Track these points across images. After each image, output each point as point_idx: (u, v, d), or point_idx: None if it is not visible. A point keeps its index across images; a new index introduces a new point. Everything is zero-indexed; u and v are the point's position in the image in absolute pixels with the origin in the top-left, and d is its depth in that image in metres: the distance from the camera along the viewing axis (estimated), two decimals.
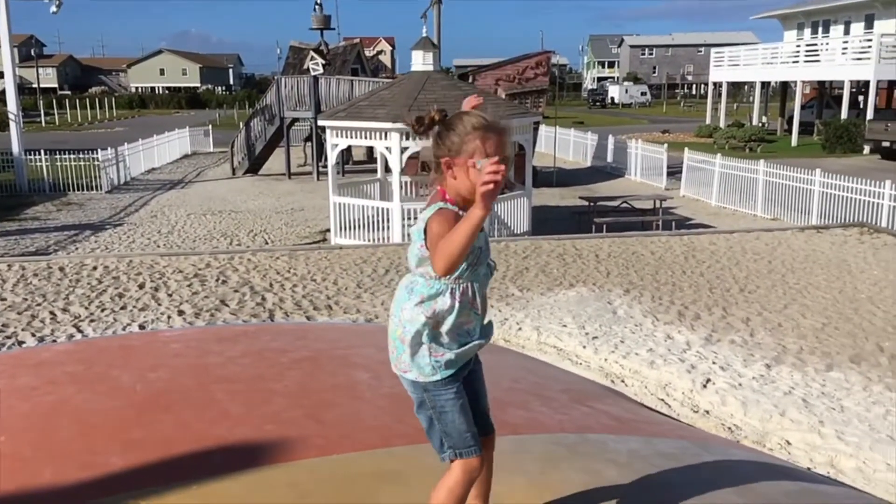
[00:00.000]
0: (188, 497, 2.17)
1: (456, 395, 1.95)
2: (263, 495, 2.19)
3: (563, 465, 2.41)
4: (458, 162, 1.94)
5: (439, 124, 2.00)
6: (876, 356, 7.13)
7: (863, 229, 13.10)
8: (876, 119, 27.72)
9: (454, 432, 1.95)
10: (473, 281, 2.00)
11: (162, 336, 4.63)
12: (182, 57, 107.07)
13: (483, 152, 1.91)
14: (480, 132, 1.94)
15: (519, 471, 2.35)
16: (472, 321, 2.01)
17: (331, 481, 2.25)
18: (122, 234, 15.23)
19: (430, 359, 1.94)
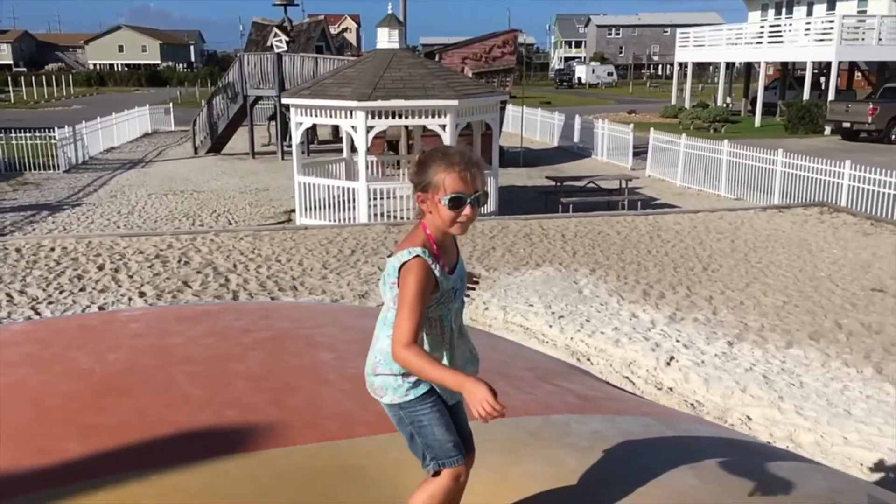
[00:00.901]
0: (146, 488, 2.12)
1: (432, 409, 1.99)
2: (222, 488, 2.14)
3: (526, 454, 2.40)
4: (428, 198, 1.98)
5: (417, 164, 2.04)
6: (834, 333, 7.28)
7: (823, 209, 13.34)
8: (837, 100, 28.17)
9: (435, 444, 1.99)
10: (443, 316, 2.01)
11: (121, 316, 4.54)
12: (141, 33, 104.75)
13: (447, 189, 1.94)
14: (444, 168, 1.96)
15: (481, 464, 2.34)
16: (445, 356, 2.03)
17: (292, 475, 2.22)
18: (80, 214, 14.91)
19: (402, 380, 1.98)
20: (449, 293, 2.00)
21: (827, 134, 27.74)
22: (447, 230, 1.97)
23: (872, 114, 25.21)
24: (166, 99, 45.07)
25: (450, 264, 2.02)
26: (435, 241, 1.98)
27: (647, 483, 2.26)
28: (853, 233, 11.61)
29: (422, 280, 1.91)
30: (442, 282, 1.96)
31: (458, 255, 2.09)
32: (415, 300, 1.90)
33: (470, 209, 1.96)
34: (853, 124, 25.91)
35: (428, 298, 1.93)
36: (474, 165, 1.97)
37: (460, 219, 1.96)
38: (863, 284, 8.85)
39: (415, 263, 1.93)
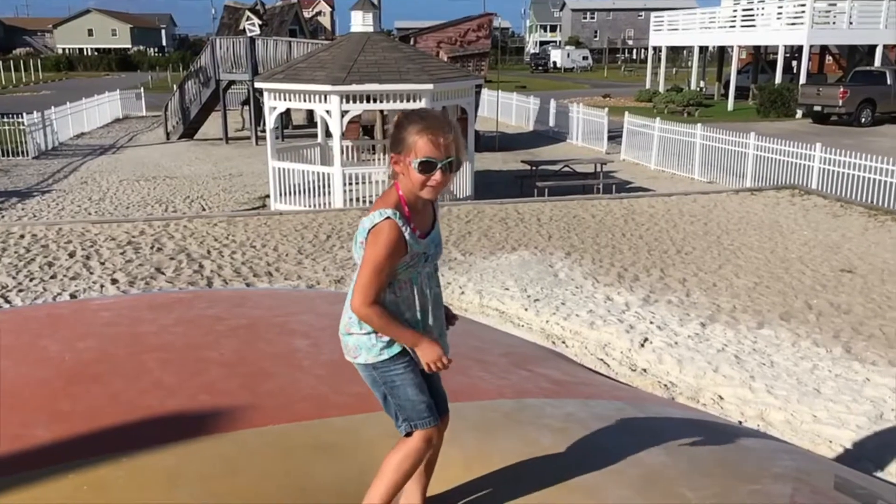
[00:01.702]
0: (117, 470, 2.11)
1: (405, 369, 2.01)
2: (194, 468, 2.14)
3: (500, 433, 2.42)
4: (401, 159, 1.98)
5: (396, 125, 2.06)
6: (805, 313, 7.39)
7: (794, 191, 13.50)
8: (808, 84, 28.43)
9: (407, 405, 2.00)
10: (413, 279, 2.02)
11: (92, 304, 4.48)
12: (111, 17, 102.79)
13: (418, 152, 1.95)
14: (417, 131, 1.96)
15: (455, 442, 2.35)
16: (415, 318, 2.04)
17: (265, 453, 2.22)
18: (50, 201, 14.68)
19: (375, 340, 2.00)
20: (419, 257, 2.00)
21: (798, 117, 28.03)
22: (418, 193, 1.97)
23: (843, 97, 25.50)
24: (137, 84, 44.41)
25: (422, 228, 2.02)
26: (407, 203, 1.99)
27: (619, 461, 2.30)
28: (823, 215, 11.78)
29: (390, 242, 1.92)
30: (412, 244, 1.97)
31: (434, 221, 2.09)
32: (380, 260, 1.92)
33: (441, 174, 1.95)
34: (824, 107, 26.20)
35: (396, 260, 1.95)
36: (449, 131, 1.97)
37: (430, 183, 1.95)
38: (832, 265, 8.98)
39: (384, 225, 1.94)
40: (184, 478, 2.08)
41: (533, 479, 2.16)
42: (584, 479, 2.19)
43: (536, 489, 2.13)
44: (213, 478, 2.09)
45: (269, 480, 2.05)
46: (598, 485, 2.16)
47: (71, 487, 2.03)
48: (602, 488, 2.15)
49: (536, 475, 2.17)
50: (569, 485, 2.16)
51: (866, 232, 10.68)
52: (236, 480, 2.08)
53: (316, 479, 2.01)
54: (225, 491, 2.03)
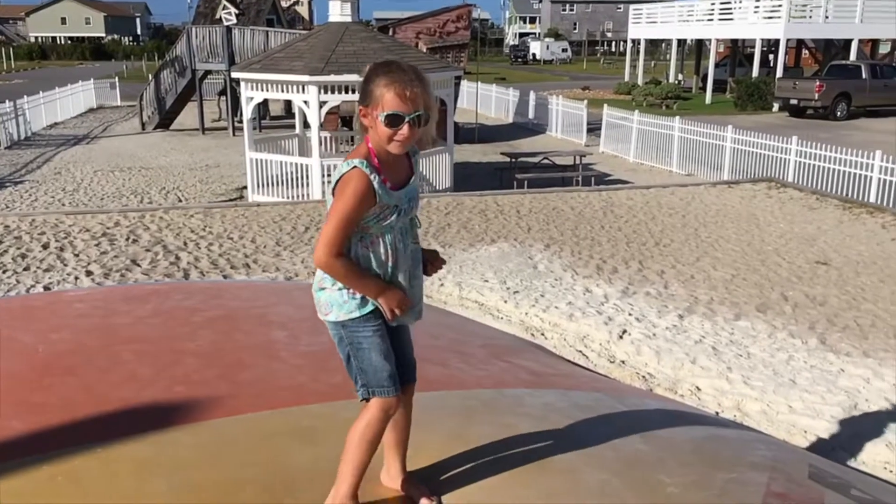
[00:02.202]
0: (91, 460, 2.08)
1: (374, 332, 1.97)
2: (171, 456, 2.12)
3: (479, 419, 2.43)
4: (368, 112, 1.94)
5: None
6: (781, 305, 7.47)
7: (771, 184, 13.63)
8: (785, 77, 28.70)
9: (369, 369, 1.96)
10: (385, 233, 1.98)
11: (66, 296, 4.42)
12: (85, 5, 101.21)
13: (384, 105, 1.91)
14: (385, 84, 1.91)
15: (435, 425, 2.35)
16: (387, 274, 2.00)
17: (243, 440, 2.20)
18: (23, 192, 14.45)
19: (347, 296, 1.96)
20: (389, 209, 1.96)
21: (775, 110, 28.29)
22: (386, 147, 1.93)
23: (819, 91, 25.77)
24: (112, 73, 43.83)
25: (395, 181, 1.98)
26: (378, 156, 1.95)
27: (597, 447, 2.31)
28: (799, 207, 11.90)
29: (357, 191, 1.89)
30: (381, 195, 1.93)
31: (409, 176, 2.04)
32: (347, 208, 1.89)
33: (408, 129, 1.90)
34: (800, 101, 26.45)
35: (363, 210, 1.91)
36: (418, 83, 1.91)
37: (397, 137, 1.91)
38: (808, 257, 9.08)
39: (353, 174, 1.91)
40: (160, 466, 2.06)
41: (511, 461, 2.17)
42: (562, 462, 2.20)
43: (515, 469, 2.14)
44: (190, 466, 2.07)
45: (248, 466, 2.03)
46: (576, 468, 2.18)
47: (45, 478, 2.00)
48: (580, 471, 2.16)
49: (515, 458, 2.18)
50: (547, 467, 2.17)
51: (841, 224, 10.81)
52: (214, 467, 2.07)
53: (294, 463, 2.00)
54: (202, 478, 2.01)
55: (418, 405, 2.49)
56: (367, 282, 1.93)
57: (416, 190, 2.06)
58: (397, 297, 1.94)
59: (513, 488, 2.05)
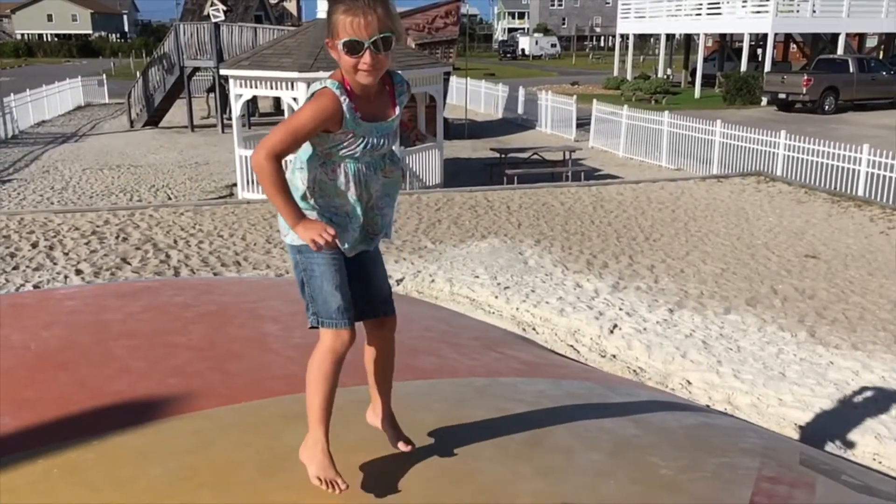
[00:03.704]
0: (87, 452, 2.08)
1: (329, 262, 1.91)
2: (165, 444, 2.13)
3: (473, 403, 2.44)
4: (332, 44, 1.89)
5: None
6: (770, 299, 7.51)
7: (759, 178, 13.70)
8: (773, 72, 28.83)
9: (319, 298, 1.92)
10: (348, 164, 1.92)
11: (56, 294, 4.40)
12: (71, 2, 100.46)
13: (341, 33, 1.85)
14: (342, 10, 1.85)
15: (428, 409, 2.37)
16: (347, 204, 1.94)
17: (237, 427, 2.21)
18: (11, 190, 14.37)
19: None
20: (355, 139, 1.90)
21: (763, 105, 28.42)
22: (354, 78, 1.87)
23: (807, 85, 25.90)
24: (99, 70, 43.56)
25: (367, 112, 1.92)
26: (351, 85, 1.89)
27: (590, 430, 2.34)
28: (788, 201, 11.97)
29: (321, 104, 1.84)
30: (348, 120, 1.87)
31: (388, 112, 1.97)
32: (303, 117, 1.83)
33: (369, 55, 1.83)
34: (788, 95, 26.59)
35: (320, 126, 1.85)
36: (375, 7, 1.83)
37: (361, 67, 1.85)
38: (797, 251, 9.14)
39: (322, 91, 1.86)
40: (156, 454, 2.07)
41: (505, 440, 2.19)
42: (556, 442, 2.22)
43: (509, 447, 2.16)
44: (186, 452, 2.08)
45: (243, 450, 2.04)
46: (570, 448, 2.20)
47: (41, 471, 2.00)
48: (574, 451, 2.18)
49: (509, 437, 2.20)
50: (541, 446, 2.19)
51: (830, 218, 10.88)
52: (209, 453, 2.08)
53: (288, 444, 2.02)
54: (198, 463, 2.03)
55: (410, 391, 2.50)
56: (287, 206, 1.84)
57: (391, 127, 1.98)
58: (314, 227, 1.82)
59: (507, 463, 2.07)
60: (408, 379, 2.67)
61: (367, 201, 1.97)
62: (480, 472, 2.03)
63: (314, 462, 1.88)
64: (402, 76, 2.05)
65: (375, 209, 2.00)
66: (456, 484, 1.98)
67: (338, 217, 1.94)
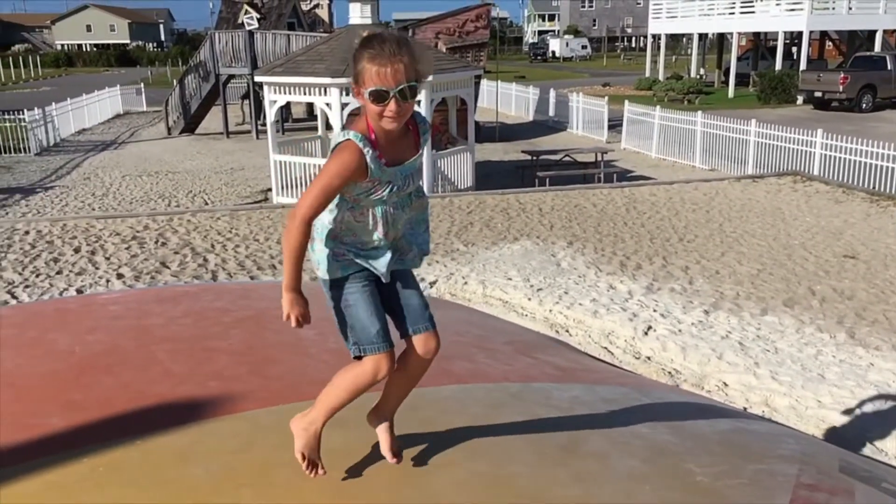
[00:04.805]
0: (131, 451, 2.15)
1: (362, 290, 1.98)
2: (207, 445, 2.19)
3: (507, 409, 2.46)
4: (359, 91, 1.92)
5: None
6: (808, 299, 7.41)
7: (796, 177, 13.50)
8: (808, 70, 28.38)
9: (357, 326, 1.98)
10: (376, 207, 1.97)
11: (99, 299, 4.52)
12: (109, 12, 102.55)
13: (368, 82, 1.88)
14: (367, 59, 1.89)
15: (463, 413, 2.40)
16: (374, 243, 2.00)
17: (275, 430, 2.27)
18: (54, 197, 14.71)
19: (331, 258, 1.99)
20: (381, 185, 1.95)
21: (799, 103, 27.97)
22: (379, 124, 1.91)
23: (843, 83, 25.45)
24: (137, 79, 44.34)
25: (392, 157, 1.96)
26: (375, 132, 1.93)
27: (625, 436, 2.34)
28: (825, 201, 11.78)
29: (344, 160, 1.88)
30: (373, 170, 1.91)
31: (412, 154, 2.01)
32: (330, 175, 1.88)
33: (395, 104, 1.87)
34: (825, 93, 26.15)
35: (348, 180, 1.90)
36: (402, 56, 1.87)
37: (386, 114, 1.88)
38: (835, 251, 9.00)
39: (345, 145, 1.90)
40: (198, 455, 2.14)
41: (541, 446, 2.20)
42: (591, 448, 2.23)
43: (544, 453, 2.17)
44: (226, 453, 2.14)
45: (283, 452, 2.09)
46: (605, 454, 2.21)
47: (87, 469, 2.08)
48: (609, 457, 2.19)
49: (544, 443, 2.22)
50: (576, 451, 2.20)
51: (868, 217, 10.69)
52: (250, 454, 2.14)
53: (326, 446, 2.07)
54: (239, 464, 2.09)
55: (444, 396, 2.53)
56: (293, 272, 1.93)
57: (414, 167, 2.02)
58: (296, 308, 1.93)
59: (544, 468, 2.08)
60: (442, 384, 2.70)
61: (395, 237, 2.03)
62: (517, 477, 2.05)
63: (303, 439, 2.01)
64: (423, 116, 2.09)
65: (403, 239, 2.07)
66: (492, 490, 2.00)
67: (364, 252, 2.00)
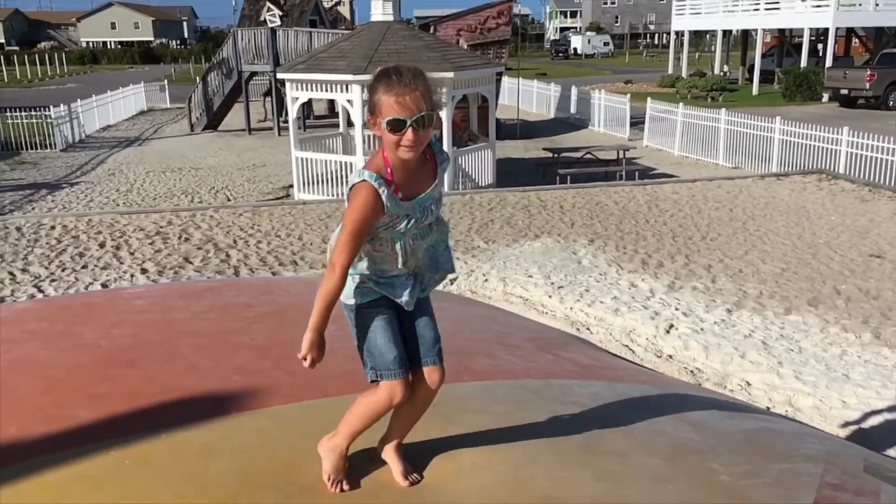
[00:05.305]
0: (157, 445, 2.18)
1: (380, 316, 2.03)
2: (232, 440, 2.21)
3: (528, 406, 2.47)
4: (375, 121, 1.96)
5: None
6: (833, 299, 7.32)
7: (821, 176, 13.34)
8: (834, 67, 28.02)
9: (375, 352, 2.03)
10: (395, 238, 2.01)
11: (125, 293, 4.57)
12: (133, 10, 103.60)
13: (385, 112, 1.92)
14: (383, 90, 1.92)
15: (484, 411, 2.41)
16: (394, 271, 2.04)
17: (300, 426, 2.29)
18: (79, 192, 14.89)
19: (351, 283, 2.04)
20: (400, 219, 1.98)
21: (825, 101, 27.65)
22: (396, 154, 1.94)
23: (870, 80, 25.10)
24: (161, 76, 44.76)
25: (408, 190, 1.99)
26: (392, 165, 1.96)
27: (647, 434, 2.33)
28: (851, 199, 11.64)
29: (362, 205, 1.92)
30: (389, 207, 1.95)
31: (428, 183, 2.04)
32: (353, 222, 1.93)
33: (412, 133, 1.90)
34: (851, 91, 25.82)
35: (370, 221, 1.94)
36: (415, 86, 1.91)
37: (403, 143, 1.91)
38: (861, 250, 8.89)
39: (360, 187, 1.94)
40: (222, 451, 2.17)
41: (563, 444, 2.21)
42: (613, 446, 2.23)
43: (567, 451, 2.17)
44: (250, 451, 2.17)
45: (305, 451, 2.12)
46: (627, 452, 2.20)
47: (113, 461, 2.11)
48: (631, 455, 2.19)
49: (566, 441, 2.22)
50: (598, 450, 2.20)
51: (895, 216, 10.54)
52: (273, 453, 2.17)
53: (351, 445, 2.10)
54: (263, 461, 2.11)
55: (465, 394, 2.54)
56: (321, 317, 1.98)
57: (431, 198, 2.05)
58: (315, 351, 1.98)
59: (566, 468, 2.08)
60: (464, 380, 2.71)
61: (414, 266, 2.07)
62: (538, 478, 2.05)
63: (330, 461, 2.06)
64: (441, 147, 2.12)
65: (425, 267, 2.11)
66: (514, 489, 2.01)
67: (384, 280, 2.05)
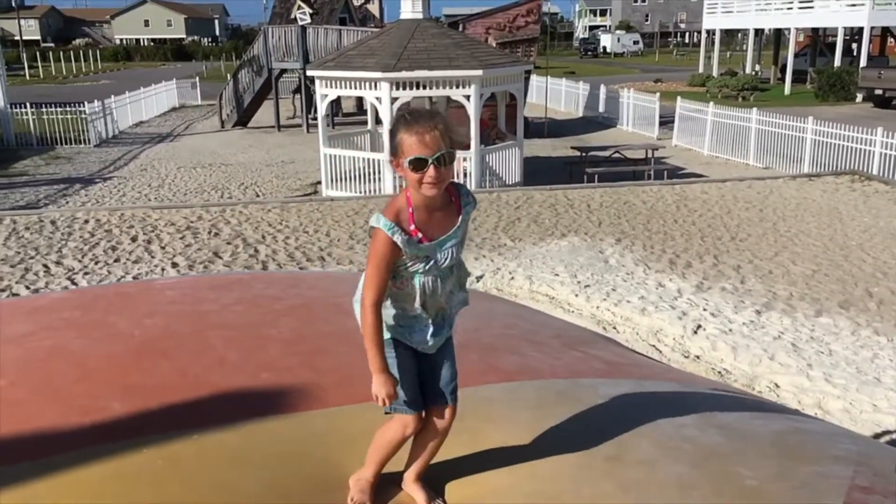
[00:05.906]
0: (188, 446, 2.21)
1: (400, 354, 2.07)
2: (261, 447, 2.24)
3: (555, 410, 2.46)
4: (398, 162, 2.00)
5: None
6: (865, 301, 7.22)
7: (854, 177, 13.14)
8: (869, 67, 27.56)
9: None
10: (415, 278, 2.05)
11: (157, 284, 4.64)
12: (166, 7, 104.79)
13: (407, 152, 1.96)
14: (404, 131, 1.97)
15: (511, 419, 2.41)
16: (415, 309, 2.07)
17: (329, 436, 2.32)
18: (112, 187, 15.13)
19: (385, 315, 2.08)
20: (419, 259, 2.02)
21: (858, 101, 27.20)
22: (420, 192, 1.98)
23: None
24: (192, 73, 45.27)
25: (430, 232, 2.03)
26: (415, 206, 2.01)
27: (673, 438, 2.31)
28: (885, 201, 11.44)
29: (377, 252, 1.99)
30: (407, 250, 1.99)
31: (451, 225, 2.07)
32: (374, 262, 1.99)
33: (433, 170, 1.94)
34: (886, 91, 25.38)
35: (389, 264, 2.00)
36: (434, 126, 1.95)
37: (426, 180, 1.95)
38: (894, 253, 8.74)
39: (376, 233, 2.00)
40: (250, 459, 2.19)
41: (588, 453, 2.20)
42: (638, 453, 2.22)
43: (593, 461, 2.17)
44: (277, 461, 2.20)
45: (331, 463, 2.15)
46: (652, 459, 2.19)
47: (145, 460, 2.14)
48: (656, 463, 2.17)
49: (591, 449, 2.21)
50: (623, 458, 2.19)
51: None
52: (302, 467, 2.20)
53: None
54: (289, 475, 2.15)
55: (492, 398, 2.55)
56: (377, 355, 2.01)
57: (455, 237, 2.07)
58: (384, 388, 2.00)
59: (592, 481, 2.08)
60: (490, 381, 2.72)
61: (434, 306, 2.09)
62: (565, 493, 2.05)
63: (357, 489, 2.12)
64: (467, 189, 2.17)
65: (447, 312, 2.14)
66: None
67: (405, 319, 2.08)
